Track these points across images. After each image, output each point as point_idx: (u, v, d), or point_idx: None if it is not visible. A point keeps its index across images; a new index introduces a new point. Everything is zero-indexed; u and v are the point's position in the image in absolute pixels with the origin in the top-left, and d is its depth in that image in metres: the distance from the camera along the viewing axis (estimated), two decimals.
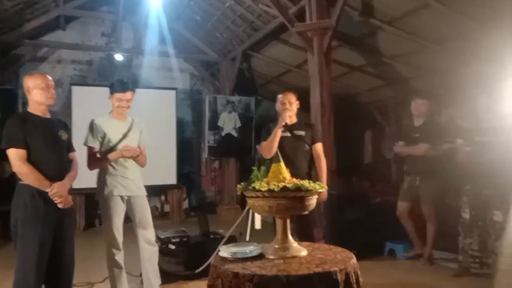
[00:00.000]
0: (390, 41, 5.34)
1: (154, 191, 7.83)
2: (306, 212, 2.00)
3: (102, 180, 3.34)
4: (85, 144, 3.33)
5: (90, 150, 3.33)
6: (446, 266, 4.10)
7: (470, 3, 4.13)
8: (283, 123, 3.55)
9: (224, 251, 1.94)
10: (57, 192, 2.58)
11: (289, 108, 3.63)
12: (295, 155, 3.54)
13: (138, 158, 3.44)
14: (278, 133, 3.53)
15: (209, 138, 7.86)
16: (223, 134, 7.95)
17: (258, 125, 8.14)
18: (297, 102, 3.71)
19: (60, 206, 2.60)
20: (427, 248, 4.42)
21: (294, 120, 3.68)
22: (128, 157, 3.34)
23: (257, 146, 7.12)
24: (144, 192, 3.48)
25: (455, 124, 4.05)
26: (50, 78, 2.72)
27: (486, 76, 4.37)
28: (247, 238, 3.79)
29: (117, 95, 3.33)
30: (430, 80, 5.76)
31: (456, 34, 4.69)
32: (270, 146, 3.44)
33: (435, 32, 4.84)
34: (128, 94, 3.35)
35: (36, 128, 2.62)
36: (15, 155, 2.53)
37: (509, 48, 4.01)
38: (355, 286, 1.76)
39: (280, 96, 3.70)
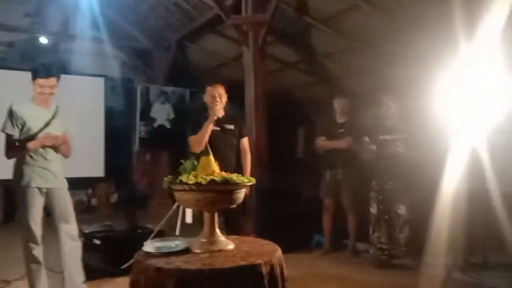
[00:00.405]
0: (323, 40, 5.49)
1: (81, 184, 7.48)
2: (234, 206, 2.00)
3: (19, 170, 3.12)
4: (3, 131, 3.09)
5: (8, 138, 3.10)
6: (369, 257, 4.30)
7: (398, 5, 4.35)
8: (215, 118, 3.51)
9: (149, 246, 1.89)
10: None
11: (219, 102, 3.58)
12: (224, 148, 3.50)
13: (61, 148, 3.26)
14: (209, 127, 3.47)
15: (140, 129, 7.63)
16: (155, 125, 7.76)
17: (191, 118, 8.03)
18: (226, 95, 3.66)
19: None
20: (350, 240, 4.63)
21: (222, 113, 3.64)
22: (50, 146, 3.15)
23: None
24: (65, 184, 3.30)
25: (378, 122, 4.27)
26: None
27: (408, 78, 4.64)
28: (177, 233, 3.73)
29: (40, 80, 3.11)
30: (359, 79, 6.00)
31: (384, 36, 4.92)
32: (201, 140, 3.36)
33: (364, 33, 5.05)
34: (52, 80, 3.14)
35: None
36: None
37: (431, 51, 4.28)
38: (279, 278, 1.79)
39: (209, 88, 3.63)
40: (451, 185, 3.46)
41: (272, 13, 4.66)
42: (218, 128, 3.57)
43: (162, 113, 7.79)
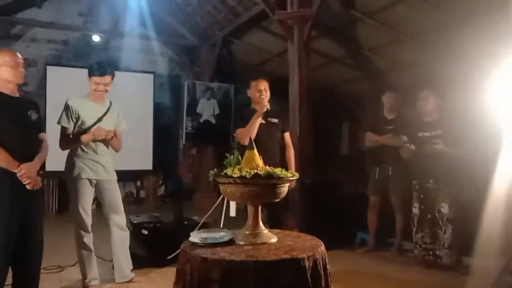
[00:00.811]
0: (369, 33, 5.38)
1: (130, 177, 7.77)
2: (277, 200, 2.01)
3: (70, 161, 3.30)
4: (58, 123, 3.28)
5: (63, 130, 3.28)
6: (415, 256, 4.19)
7: None
8: (264, 110, 3.55)
9: (195, 236, 1.94)
10: (25, 173, 2.52)
11: (265, 95, 3.65)
12: (268, 142, 3.56)
13: (112, 142, 3.40)
14: (258, 121, 3.55)
15: (187, 125, 7.79)
16: (201, 120, 7.90)
17: (237, 112, 8.12)
18: (269, 89, 3.73)
19: (28, 187, 2.55)
20: (396, 239, 4.53)
21: (269, 106, 3.67)
22: (100, 140, 3.30)
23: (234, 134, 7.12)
24: (114, 177, 3.45)
25: (418, 119, 4.14)
26: (19, 55, 2.65)
27: (455, 73, 4.47)
28: (221, 225, 3.80)
29: (95, 78, 3.27)
30: (404, 73, 5.84)
31: (430, 29, 4.75)
32: (250, 132, 3.41)
33: (411, 26, 4.90)
34: (106, 78, 3.30)
35: (4, 107, 2.54)
36: None
37: (479, 48, 4.09)
38: (322, 273, 1.78)
39: (254, 83, 3.71)
40: (501, 183, 3.31)
41: (318, 7, 4.61)
42: (263, 122, 3.63)
43: (207, 109, 7.92)
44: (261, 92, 3.66)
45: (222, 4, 6.72)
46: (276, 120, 3.74)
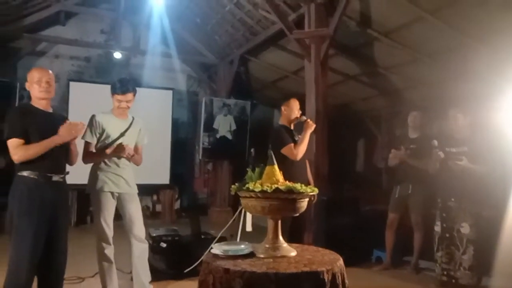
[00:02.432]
0: (385, 52, 5.45)
1: (146, 190, 7.87)
2: (297, 214, 2.07)
3: (94, 175, 3.38)
4: (83, 138, 3.36)
5: (87, 145, 3.37)
6: (431, 276, 4.17)
7: (463, 18, 4.24)
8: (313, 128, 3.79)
9: (217, 248, 2.00)
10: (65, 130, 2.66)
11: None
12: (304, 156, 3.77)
13: (133, 157, 3.49)
14: (308, 136, 3.76)
15: (203, 140, 7.91)
16: (217, 136, 8.01)
17: (252, 129, 8.21)
18: None
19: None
20: (414, 257, 4.51)
21: None
22: (123, 157, 3.40)
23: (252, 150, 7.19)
24: (135, 190, 3.52)
25: (443, 135, 4.12)
26: (45, 71, 2.75)
27: (472, 92, 4.49)
28: (238, 239, 3.85)
29: (117, 96, 3.37)
30: (421, 92, 5.87)
31: (447, 48, 4.81)
32: (305, 148, 3.72)
33: (427, 45, 4.95)
34: (128, 96, 3.40)
35: (36, 121, 2.66)
36: (15, 145, 2.57)
37: (496, 66, 4.12)
38: (340, 287, 1.82)
39: (294, 102, 3.90)
40: None
41: (335, 27, 4.70)
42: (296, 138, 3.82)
43: (224, 125, 8.04)
44: (299, 111, 3.88)
45: (241, 23, 6.87)
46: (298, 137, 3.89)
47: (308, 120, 3.81)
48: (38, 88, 2.68)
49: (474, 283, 3.72)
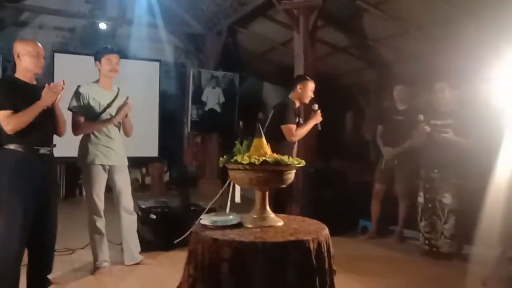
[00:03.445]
0: (374, 24, 5.41)
1: (135, 163, 7.84)
2: (284, 186, 2.11)
3: (84, 148, 3.38)
4: (69, 109, 3.34)
5: (75, 115, 3.35)
6: (415, 245, 4.30)
7: None
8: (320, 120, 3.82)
9: (205, 219, 2.04)
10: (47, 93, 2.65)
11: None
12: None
13: (125, 125, 3.48)
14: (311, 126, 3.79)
15: (192, 113, 7.87)
16: (206, 109, 7.97)
17: (241, 101, 8.19)
18: None
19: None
20: (398, 226, 4.63)
21: None
22: (115, 124, 3.39)
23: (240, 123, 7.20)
24: (125, 163, 3.54)
25: (430, 108, 4.17)
26: (41, 46, 2.73)
27: (459, 65, 4.51)
28: (227, 211, 3.90)
29: (107, 56, 3.35)
30: (410, 65, 5.88)
31: (436, 21, 4.79)
32: (303, 135, 3.79)
33: (417, 17, 4.93)
34: (118, 56, 3.38)
35: (23, 94, 2.64)
36: (5, 116, 2.55)
37: (484, 41, 4.13)
38: (326, 255, 1.88)
39: (310, 83, 3.85)
40: (503, 174, 3.37)
41: None
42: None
43: (212, 97, 7.99)
44: (312, 92, 3.86)
45: None
46: None
47: (319, 111, 3.80)
48: (33, 61, 2.66)
49: (454, 251, 3.86)
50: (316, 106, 3.84)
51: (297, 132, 3.70)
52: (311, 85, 3.85)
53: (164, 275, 3.40)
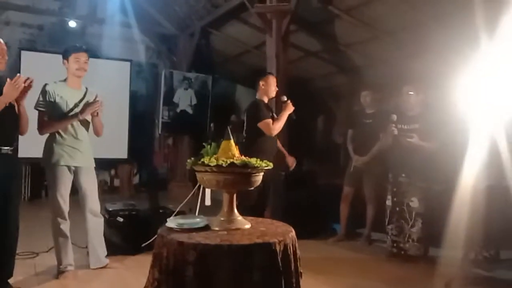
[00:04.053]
0: (346, 29, 5.51)
1: (104, 165, 7.71)
2: (252, 188, 2.10)
3: (49, 148, 3.28)
4: (36, 108, 3.25)
5: (41, 114, 3.26)
6: (383, 247, 4.37)
7: None
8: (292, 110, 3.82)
9: (172, 222, 2.01)
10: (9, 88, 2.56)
11: None
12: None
13: (95, 124, 3.40)
14: (286, 117, 3.80)
15: (163, 114, 7.78)
16: (178, 110, 7.90)
17: (214, 103, 8.15)
18: None
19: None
20: (366, 229, 4.70)
21: None
22: (86, 117, 3.31)
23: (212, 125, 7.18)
24: (92, 164, 3.46)
25: (397, 112, 4.25)
26: (3, 42, 2.64)
27: (426, 70, 4.64)
28: (197, 214, 3.86)
29: (75, 54, 3.27)
30: (379, 69, 6.00)
31: (406, 27, 4.91)
32: (281, 127, 3.80)
33: (387, 23, 5.04)
34: (86, 55, 3.31)
35: None
36: None
37: (450, 45, 4.26)
38: (292, 257, 1.89)
39: (272, 78, 3.91)
40: (468, 178, 3.46)
41: (297, 2, 4.70)
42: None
43: (184, 99, 7.92)
44: (276, 87, 3.91)
45: None
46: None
47: (289, 101, 3.83)
48: None
49: (421, 254, 3.94)
50: (285, 98, 3.87)
51: (275, 125, 3.73)
52: (271, 79, 3.90)
53: (130, 279, 3.33)
